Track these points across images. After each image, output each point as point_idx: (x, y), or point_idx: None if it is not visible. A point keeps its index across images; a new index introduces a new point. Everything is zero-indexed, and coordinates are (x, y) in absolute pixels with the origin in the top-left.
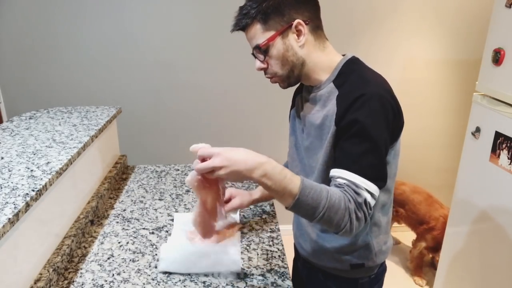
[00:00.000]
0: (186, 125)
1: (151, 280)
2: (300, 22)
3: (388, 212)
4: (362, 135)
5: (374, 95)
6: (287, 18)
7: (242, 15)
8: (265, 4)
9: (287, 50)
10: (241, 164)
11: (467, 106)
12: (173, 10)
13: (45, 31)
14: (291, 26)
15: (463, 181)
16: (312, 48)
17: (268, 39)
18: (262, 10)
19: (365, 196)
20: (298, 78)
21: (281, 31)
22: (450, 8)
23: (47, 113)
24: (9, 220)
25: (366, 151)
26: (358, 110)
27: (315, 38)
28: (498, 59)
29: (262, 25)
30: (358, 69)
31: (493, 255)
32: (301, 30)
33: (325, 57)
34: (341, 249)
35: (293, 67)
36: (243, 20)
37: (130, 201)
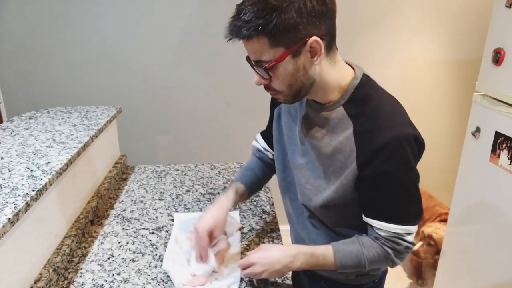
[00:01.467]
0: (186, 125)
1: (151, 280)
2: (317, 40)
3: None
4: (396, 185)
5: (400, 143)
6: (302, 34)
7: (242, 22)
8: (276, 14)
9: (298, 71)
10: (277, 264)
11: (467, 106)
12: (173, 10)
13: (45, 31)
14: (306, 44)
15: (463, 181)
16: (324, 66)
17: (276, 59)
18: (274, 23)
19: (406, 243)
20: (304, 96)
21: (293, 49)
22: (450, 8)
23: (47, 113)
24: (9, 220)
25: (403, 199)
26: (386, 162)
27: (327, 53)
28: (498, 59)
29: (269, 40)
30: (374, 97)
31: (493, 255)
32: (317, 49)
33: (335, 73)
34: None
35: (301, 87)
36: (244, 30)
37: (130, 201)
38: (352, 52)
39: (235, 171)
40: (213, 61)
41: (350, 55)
